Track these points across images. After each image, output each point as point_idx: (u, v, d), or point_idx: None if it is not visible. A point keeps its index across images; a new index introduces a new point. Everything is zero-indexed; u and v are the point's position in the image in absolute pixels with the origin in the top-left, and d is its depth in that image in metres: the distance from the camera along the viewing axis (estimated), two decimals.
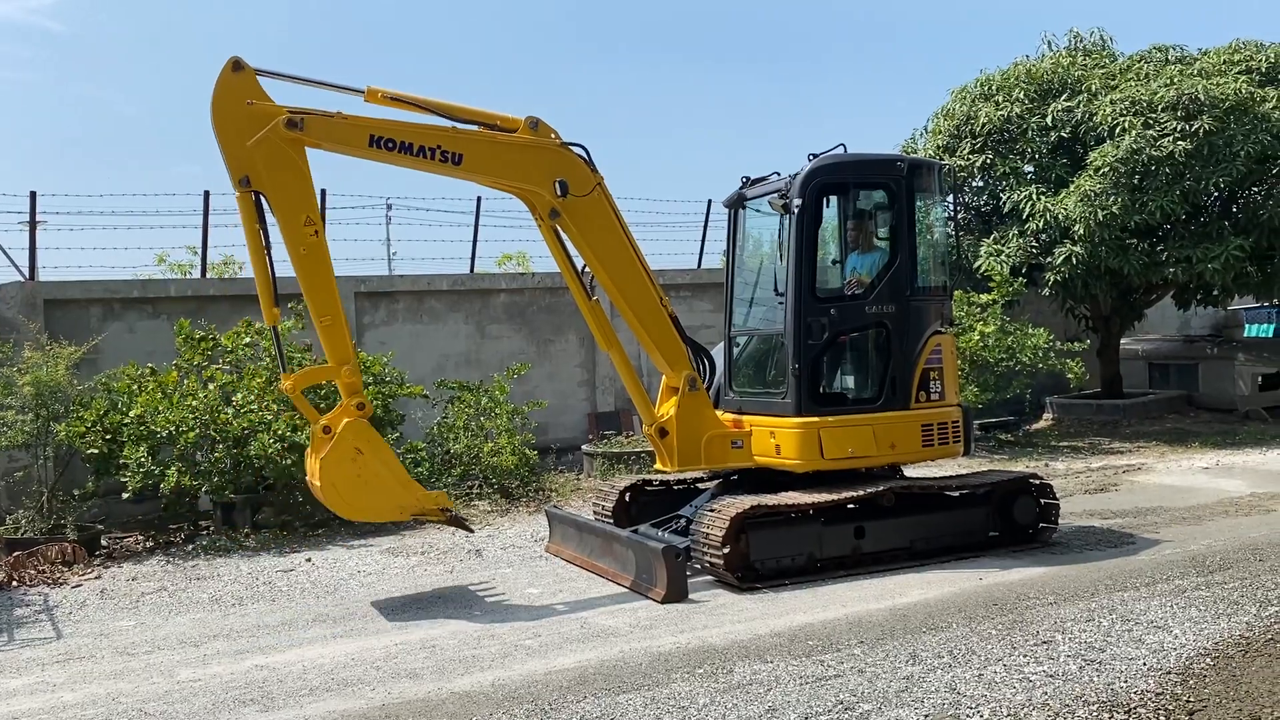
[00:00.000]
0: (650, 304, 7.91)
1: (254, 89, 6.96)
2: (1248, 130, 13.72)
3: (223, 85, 6.90)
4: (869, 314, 8.04)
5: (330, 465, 7.15)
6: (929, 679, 5.22)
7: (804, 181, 7.97)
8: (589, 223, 7.62)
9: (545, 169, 7.48)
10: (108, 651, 6.54)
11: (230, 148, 6.90)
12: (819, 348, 7.95)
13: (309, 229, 7.05)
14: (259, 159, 6.88)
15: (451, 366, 14.00)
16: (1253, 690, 4.90)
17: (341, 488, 7.17)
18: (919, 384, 7.99)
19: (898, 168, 8.16)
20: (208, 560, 9.15)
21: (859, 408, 8.00)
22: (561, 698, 5.21)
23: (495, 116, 7.49)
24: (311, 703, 5.37)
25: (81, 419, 10.02)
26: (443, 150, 7.23)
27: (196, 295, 13.07)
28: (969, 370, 14.04)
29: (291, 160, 6.95)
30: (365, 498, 7.24)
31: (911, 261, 8.08)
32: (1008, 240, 15.03)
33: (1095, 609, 6.33)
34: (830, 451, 7.75)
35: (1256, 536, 8.26)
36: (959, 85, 16.65)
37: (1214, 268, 13.87)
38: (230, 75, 6.91)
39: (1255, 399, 16.74)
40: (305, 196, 7.09)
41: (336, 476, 7.15)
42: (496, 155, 7.41)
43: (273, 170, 6.91)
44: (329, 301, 7.26)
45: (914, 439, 7.96)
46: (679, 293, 15.50)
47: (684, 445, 7.94)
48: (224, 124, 6.89)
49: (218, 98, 6.89)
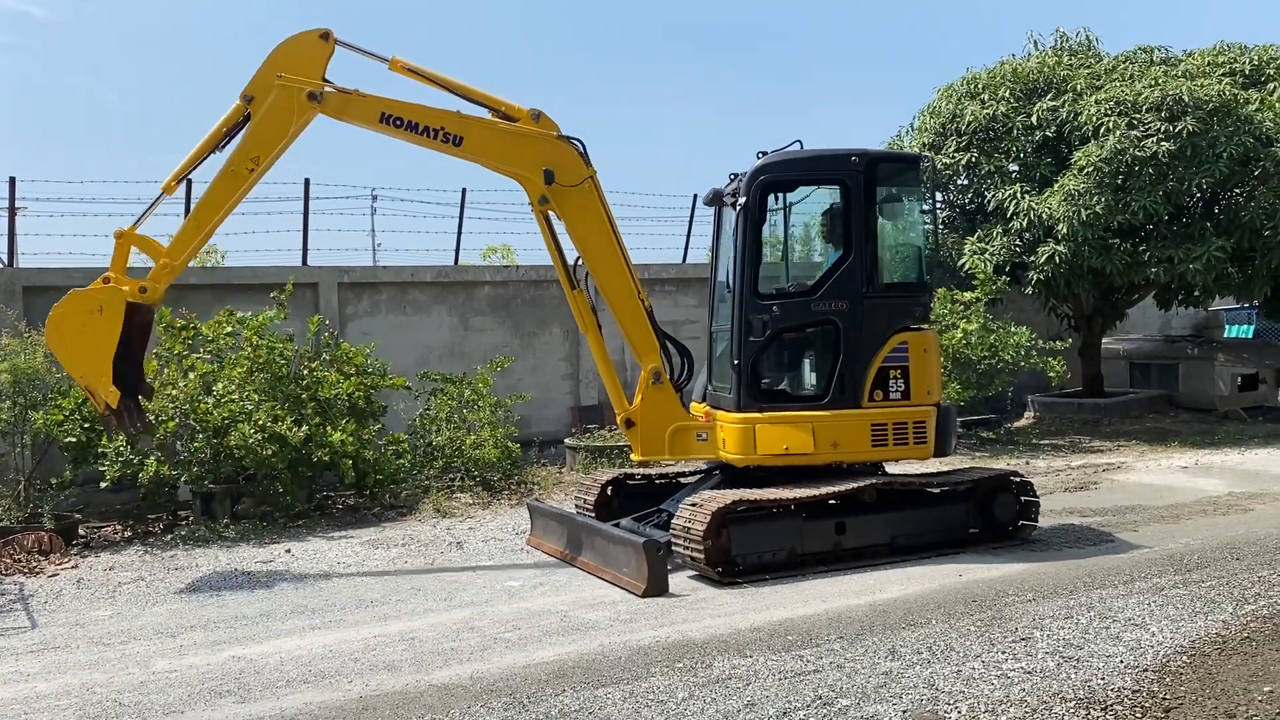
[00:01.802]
0: (627, 296, 8.20)
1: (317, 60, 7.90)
2: (1230, 132, 13.80)
3: (302, 39, 7.92)
4: (815, 311, 8.01)
5: (71, 297, 7.89)
6: (907, 674, 5.24)
7: (749, 179, 8.04)
8: (577, 212, 8.05)
9: (537, 157, 7.95)
10: (83, 641, 6.49)
11: (264, 73, 7.85)
12: (760, 344, 8.00)
13: (250, 163, 7.83)
14: (271, 96, 7.79)
15: (435, 358, 13.94)
16: (1228, 688, 4.92)
17: (62, 323, 7.80)
18: (874, 383, 7.89)
19: (851, 163, 8.02)
20: (186, 550, 9.09)
21: (804, 405, 7.99)
22: (540, 691, 5.20)
23: (502, 103, 8.06)
24: (289, 694, 5.34)
25: (60, 407, 9.95)
26: (446, 132, 7.90)
27: (178, 284, 12.79)
28: (952, 367, 14.10)
29: (291, 113, 7.80)
30: (71, 345, 7.79)
31: (867, 258, 7.97)
32: (992, 238, 15.09)
33: (1074, 606, 6.36)
34: (764, 447, 7.83)
35: (1234, 536, 8.31)
36: (946, 83, 16.70)
37: (1195, 268, 13.95)
38: (314, 39, 7.91)
39: (1234, 399, 16.87)
40: (270, 142, 7.84)
41: (68, 311, 7.83)
42: (494, 140, 7.99)
43: (271, 110, 7.81)
44: (209, 213, 7.93)
45: (862, 438, 7.85)
46: (664, 287, 15.50)
47: (648, 436, 8.21)
48: (277, 58, 7.88)
49: (291, 43, 7.90)
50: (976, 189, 15.90)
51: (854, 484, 7.73)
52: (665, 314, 8.43)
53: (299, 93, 7.76)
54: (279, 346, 10.51)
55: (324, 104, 7.81)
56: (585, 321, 8.46)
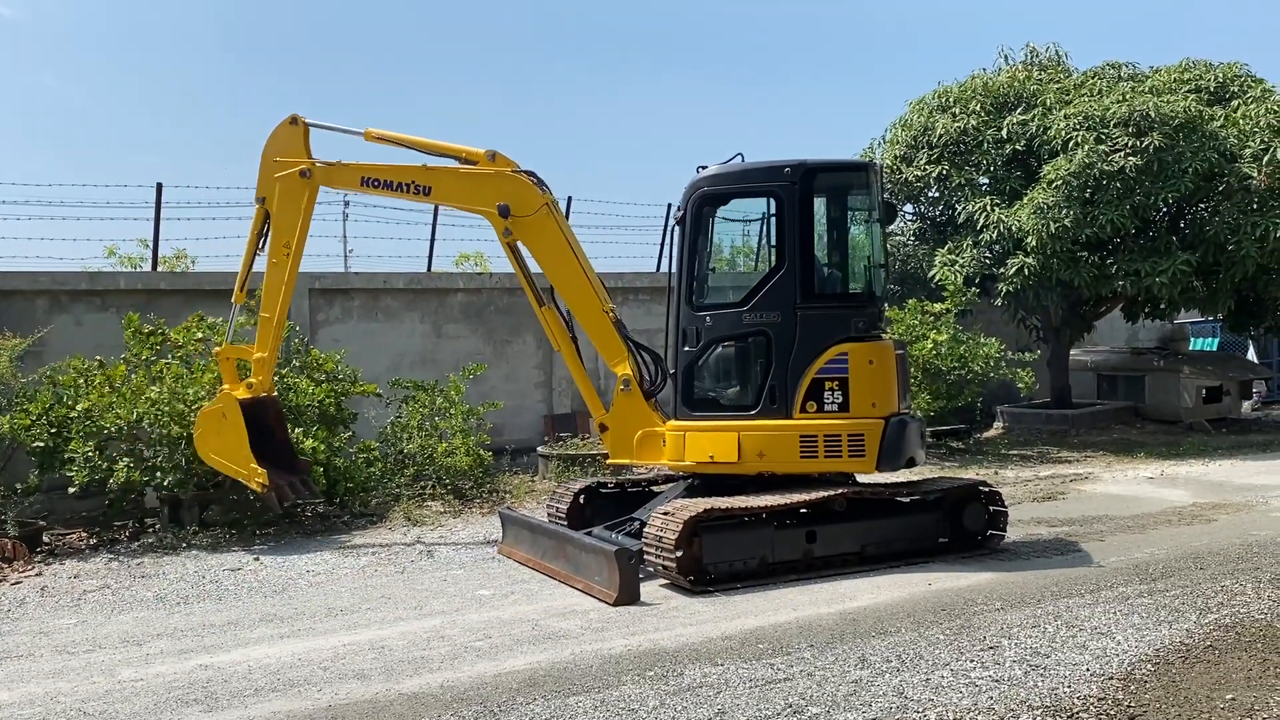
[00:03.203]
0: (592, 310, 8.62)
1: (297, 142, 9.20)
2: (1196, 148, 14.03)
3: (277, 132, 9.26)
4: (746, 322, 8.07)
5: (203, 415, 9.31)
6: (877, 683, 5.27)
7: (686, 192, 8.25)
8: (537, 238, 8.68)
9: (494, 194, 8.70)
10: (47, 650, 6.40)
11: (264, 175, 9.23)
12: (694, 354, 8.15)
13: (284, 249, 9.17)
14: (277, 190, 9.14)
15: (407, 365, 13.90)
16: (1192, 696, 4.99)
17: (202, 430, 9.24)
18: (807, 394, 7.88)
19: (784, 175, 8.03)
20: (153, 558, 9.00)
21: (733, 415, 8.05)
22: (511, 700, 5.19)
23: (462, 150, 8.91)
24: (256, 703, 5.30)
25: (26, 412, 9.82)
26: (415, 184, 8.96)
27: (147, 289, 12.87)
28: (922, 378, 14.20)
29: (296, 198, 9.09)
30: (212, 447, 9.19)
31: (800, 269, 7.98)
32: (962, 250, 15.23)
33: (1041, 615, 6.42)
34: (691, 454, 8.01)
35: (1198, 545, 8.42)
36: (917, 96, 16.86)
37: (1161, 281, 14.14)
38: (286, 127, 9.23)
39: (1199, 411, 17.11)
40: (291, 227, 9.14)
41: (203, 420, 9.27)
42: (456, 185, 8.94)
43: (281, 200, 9.14)
44: (272, 302, 9.23)
45: (789, 449, 7.85)
46: (638, 296, 15.52)
47: (617, 440, 8.56)
48: (266, 159, 9.24)
49: (271, 140, 9.25)
50: (947, 201, 16.06)
51: (824, 493, 7.76)
52: (640, 322, 8.56)
53: (294, 175, 9.02)
54: None
55: (313, 178, 9.06)
56: (557, 337, 8.93)
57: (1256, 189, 14.10)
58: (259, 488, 9.06)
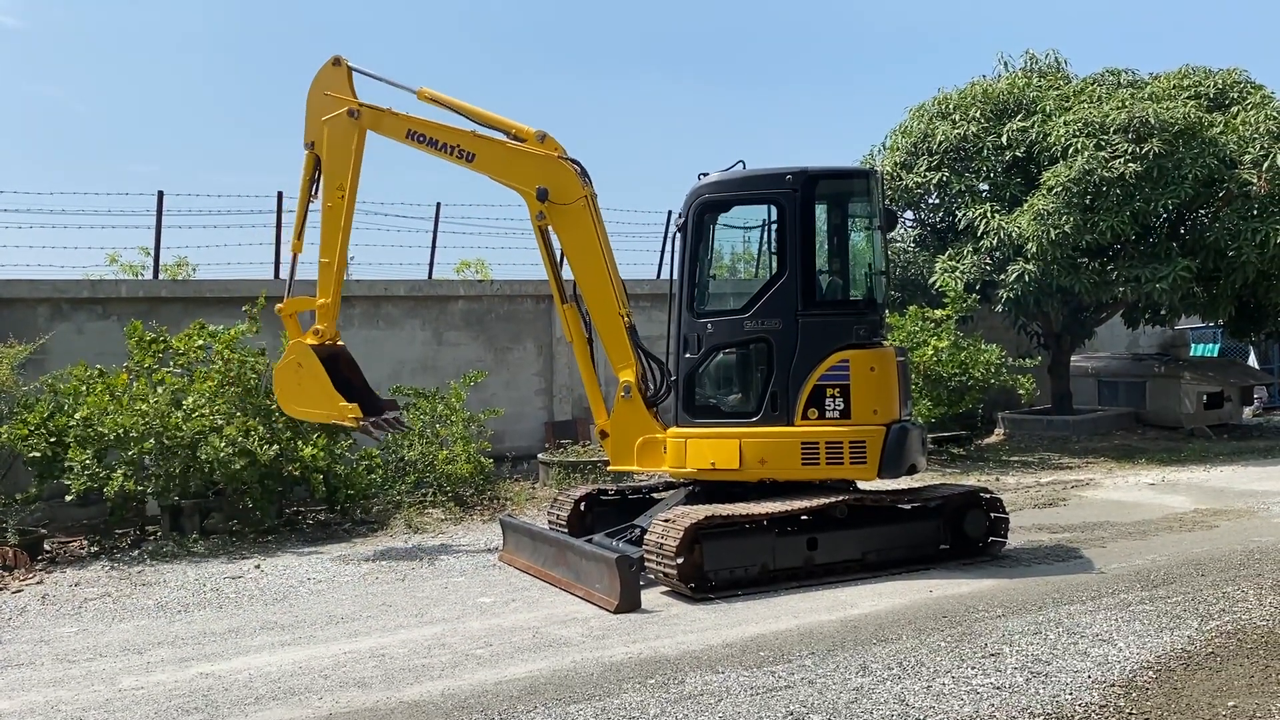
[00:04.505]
0: (609, 311, 8.51)
1: (341, 82, 9.17)
2: (1195, 154, 14.04)
3: (321, 74, 9.23)
4: (747, 329, 8.08)
5: (279, 370, 9.28)
6: (878, 690, 5.26)
7: (687, 199, 8.25)
8: (569, 229, 8.59)
9: (536, 175, 8.58)
10: (48, 658, 6.40)
11: (311, 119, 9.21)
12: (695, 361, 8.15)
13: (338, 192, 9.08)
14: (325, 133, 9.09)
15: (407, 373, 13.89)
16: (1193, 703, 4.99)
17: (283, 388, 9.26)
18: (809, 401, 7.89)
19: (785, 182, 8.07)
20: (154, 566, 8.99)
21: (736, 422, 8.04)
22: (512, 708, 5.18)
23: (513, 126, 8.83)
24: (257, 712, 5.30)
25: (25, 421, 9.81)
26: (461, 148, 8.86)
27: (148, 296, 12.87)
28: (923, 384, 14.20)
29: (345, 140, 9.03)
30: (297, 400, 9.19)
31: (801, 276, 8.00)
32: (962, 257, 15.24)
33: (1042, 622, 6.41)
34: (693, 461, 8.01)
35: (1199, 552, 8.42)
36: (917, 103, 16.88)
37: (1162, 288, 14.14)
38: (329, 68, 9.21)
39: (1200, 417, 17.09)
40: (344, 169, 9.05)
41: (281, 379, 9.25)
42: (501, 158, 8.81)
43: (331, 144, 9.08)
44: (332, 248, 9.16)
45: (790, 457, 7.85)
46: (639, 303, 15.37)
47: (617, 446, 8.54)
48: (312, 102, 9.22)
49: (315, 82, 9.22)
50: (947, 208, 16.08)
51: (825, 500, 7.76)
52: (640, 329, 8.54)
53: (342, 116, 8.98)
54: (250, 360, 10.45)
55: (361, 119, 9.00)
56: (574, 335, 8.84)
57: (1256, 195, 14.11)
58: (353, 423, 9.05)
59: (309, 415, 9.37)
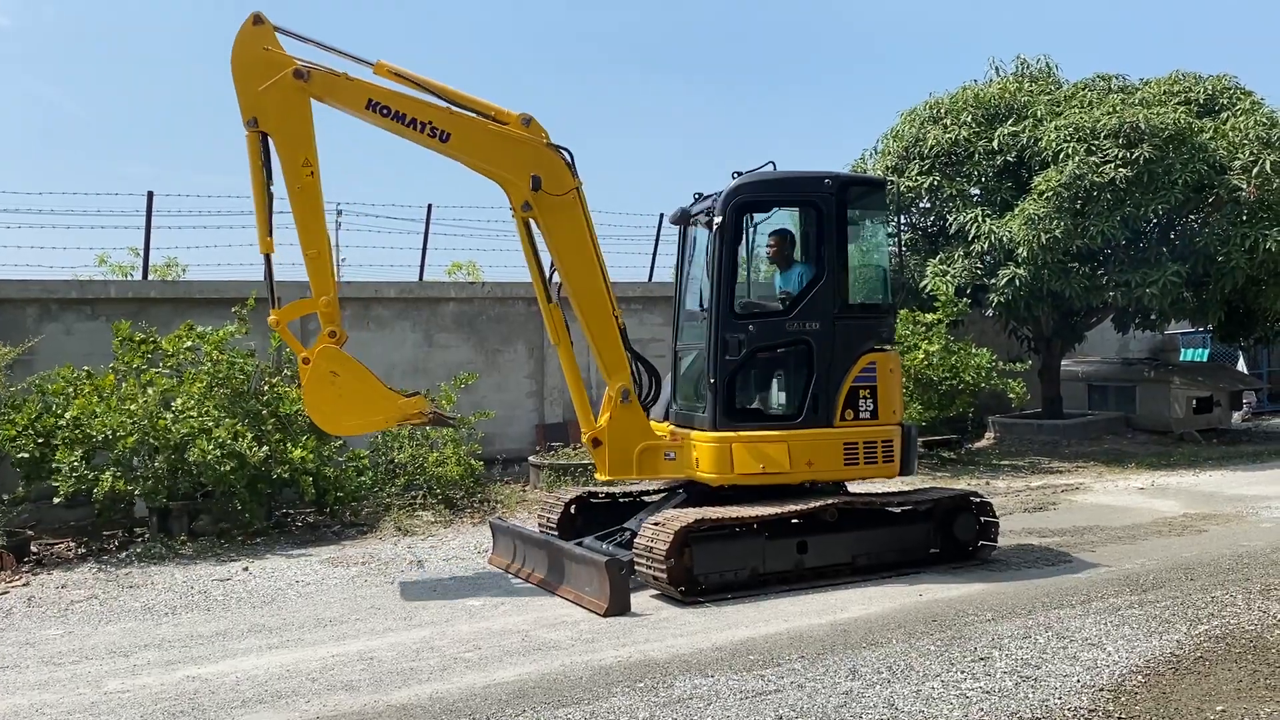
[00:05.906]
0: (601, 311, 8.11)
1: (270, 41, 7.58)
2: (1185, 159, 14.08)
3: (242, 36, 7.55)
4: (789, 331, 8.07)
5: (311, 391, 7.80)
6: (867, 694, 5.26)
7: (725, 199, 8.07)
8: (559, 223, 7.93)
9: (524, 162, 7.79)
10: (33, 661, 6.36)
11: (244, 90, 7.50)
12: (736, 363, 8.01)
13: (305, 169, 7.55)
14: (268, 103, 7.47)
15: (398, 375, 13.84)
16: (1182, 707, 4.99)
17: (325, 409, 7.83)
18: (845, 402, 7.98)
19: (824, 185, 8.11)
20: (141, 568, 8.95)
21: (777, 424, 8.01)
22: (500, 711, 5.16)
23: (491, 108, 7.86)
24: (244, 714, 5.27)
25: (13, 422, 9.76)
26: (433, 126, 7.67)
27: (137, 297, 12.81)
28: (913, 388, 14.22)
29: (297, 106, 7.50)
30: (349, 414, 7.86)
31: (839, 279, 8.07)
32: (953, 261, 15.26)
33: (1032, 626, 6.42)
34: (741, 466, 7.83)
35: (1189, 556, 8.43)
36: (909, 107, 16.91)
37: (1152, 292, 14.18)
38: (250, 28, 7.55)
39: (1189, 421, 17.14)
40: (305, 140, 7.56)
41: (319, 400, 7.79)
42: (482, 140, 7.79)
43: (279, 114, 7.50)
44: (317, 236, 7.74)
45: (834, 457, 7.94)
46: (629, 305, 15.50)
47: (615, 455, 8.11)
48: (240, 69, 7.52)
49: (237, 46, 7.54)
50: (938, 212, 16.11)
51: (816, 503, 7.77)
52: (632, 332, 8.45)
53: (286, 79, 7.44)
54: (240, 362, 10.41)
55: (310, 82, 7.49)
56: (558, 335, 8.29)
57: (1246, 200, 14.15)
58: (421, 419, 8.13)
59: (367, 427, 8.28)
